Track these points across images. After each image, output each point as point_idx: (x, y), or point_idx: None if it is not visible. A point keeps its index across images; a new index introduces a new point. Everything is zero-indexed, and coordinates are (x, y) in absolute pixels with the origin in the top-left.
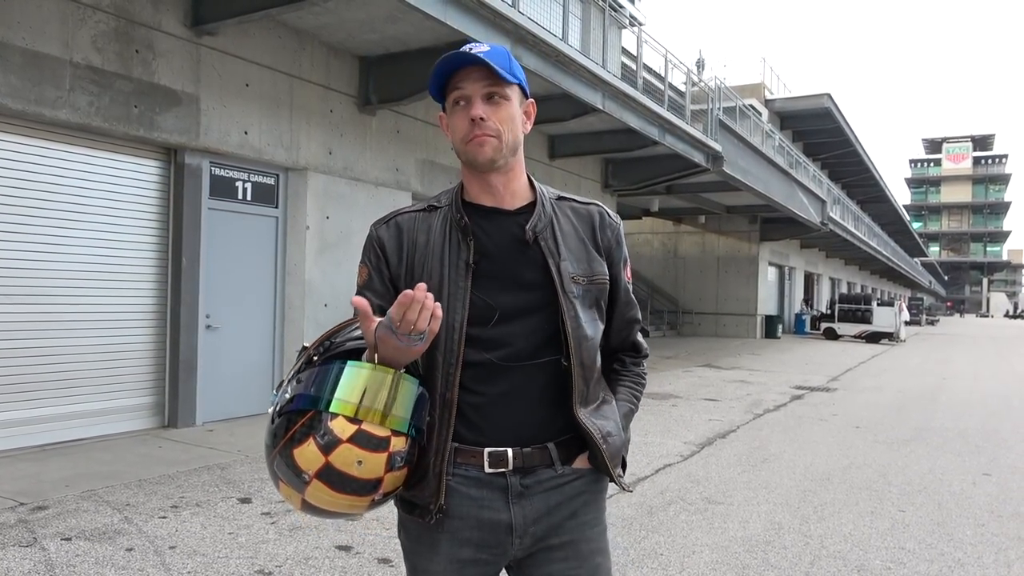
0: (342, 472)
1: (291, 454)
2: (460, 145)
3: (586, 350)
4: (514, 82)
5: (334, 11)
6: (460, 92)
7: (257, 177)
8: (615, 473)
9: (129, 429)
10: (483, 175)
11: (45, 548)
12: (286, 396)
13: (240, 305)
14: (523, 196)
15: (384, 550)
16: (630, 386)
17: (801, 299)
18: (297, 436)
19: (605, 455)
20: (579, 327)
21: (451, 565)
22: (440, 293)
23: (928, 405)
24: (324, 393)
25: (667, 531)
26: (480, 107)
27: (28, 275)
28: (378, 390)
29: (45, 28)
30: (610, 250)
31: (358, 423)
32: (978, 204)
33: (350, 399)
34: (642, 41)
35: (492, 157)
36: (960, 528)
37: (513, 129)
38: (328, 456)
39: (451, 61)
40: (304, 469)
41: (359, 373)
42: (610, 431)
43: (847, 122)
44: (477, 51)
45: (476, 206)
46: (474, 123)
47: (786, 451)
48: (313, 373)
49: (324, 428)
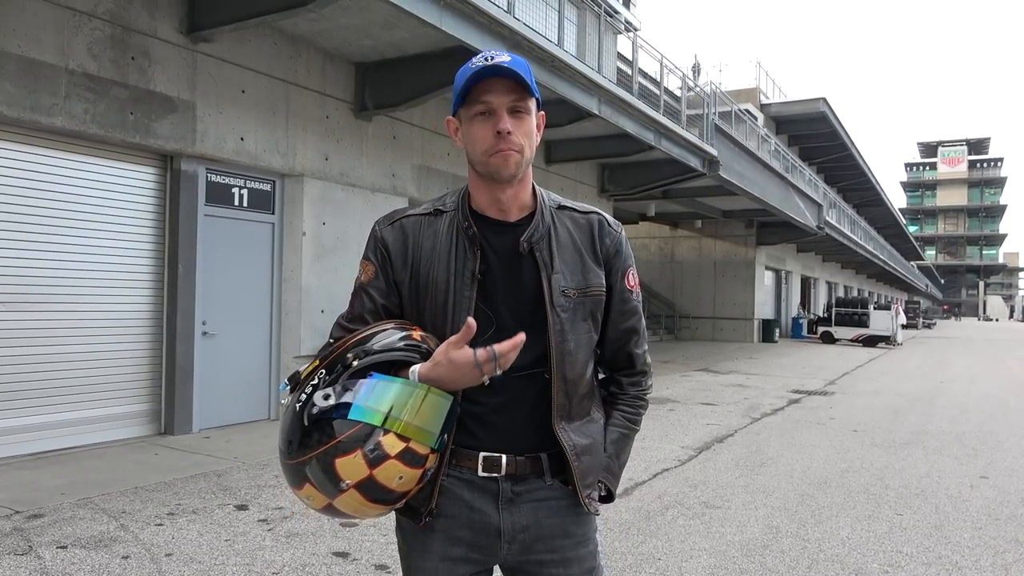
0: (383, 485)
1: (332, 462)
2: (481, 156)
3: (569, 364)
4: (536, 96)
5: (330, 17)
6: (486, 104)
7: (253, 183)
8: (583, 494)
9: (125, 436)
10: (496, 187)
11: (41, 556)
12: (329, 402)
13: (236, 312)
14: (526, 207)
15: (381, 556)
16: (624, 410)
17: (798, 303)
18: (343, 446)
19: (575, 472)
20: (563, 341)
21: (443, 563)
22: (446, 302)
23: (925, 408)
24: (382, 407)
25: (665, 535)
26: (507, 121)
27: (23, 283)
28: (431, 412)
29: (41, 35)
30: (609, 259)
31: (407, 440)
32: (974, 207)
33: (408, 419)
34: (637, 46)
35: (515, 172)
36: (957, 531)
37: (532, 143)
38: (373, 470)
39: (481, 71)
40: (344, 479)
41: (418, 394)
42: (586, 449)
43: (843, 126)
44: (500, 61)
45: (482, 215)
46: (500, 136)
47: (783, 455)
48: (368, 385)
49: (375, 443)
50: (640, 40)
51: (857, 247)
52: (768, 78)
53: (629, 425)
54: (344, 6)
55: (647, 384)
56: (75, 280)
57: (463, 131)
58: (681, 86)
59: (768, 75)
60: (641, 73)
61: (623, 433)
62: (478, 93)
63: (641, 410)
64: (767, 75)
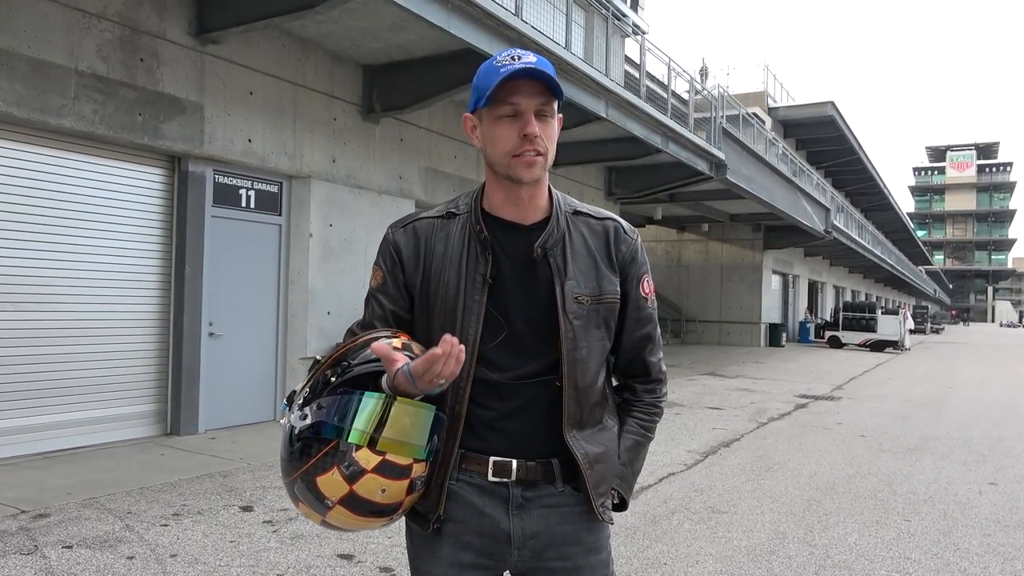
0: (366, 499)
1: (314, 480)
2: (503, 158)
3: (581, 372)
4: (561, 98)
5: (338, 20)
6: (514, 106)
7: (260, 185)
8: (596, 502)
9: (131, 437)
10: (515, 188)
11: (46, 556)
12: (306, 420)
13: (243, 313)
14: (542, 210)
15: (386, 559)
16: (639, 418)
17: (805, 307)
18: (320, 464)
19: (588, 481)
20: (575, 349)
21: (452, 568)
22: (456, 306)
23: (933, 414)
24: (347, 424)
25: (671, 540)
26: (535, 124)
27: (31, 283)
28: (399, 421)
29: (50, 37)
30: (624, 266)
31: (382, 454)
32: (982, 212)
33: (374, 432)
34: (645, 49)
35: (538, 176)
36: (966, 538)
37: (553, 147)
38: (352, 485)
39: (513, 72)
40: (327, 496)
41: (382, 404)
42: (599, 457)
43: (851, 130)
44: (528, 62)
45: (496, 218)
46: (526, 139)
47: (790, 460)
48: (336, 401)
49: (349, 459)
50: (648, 43)
51: (865, 251)
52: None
53: (644, 433)
54: (353, 8)
55: (662, 392)
56: (82, 280)
57: (484, 130)
58: (688, 89)
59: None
60: (648, 76)
61: (637, 441)
62: (506, 94)
63: (656, 418)
64: (775, 78)
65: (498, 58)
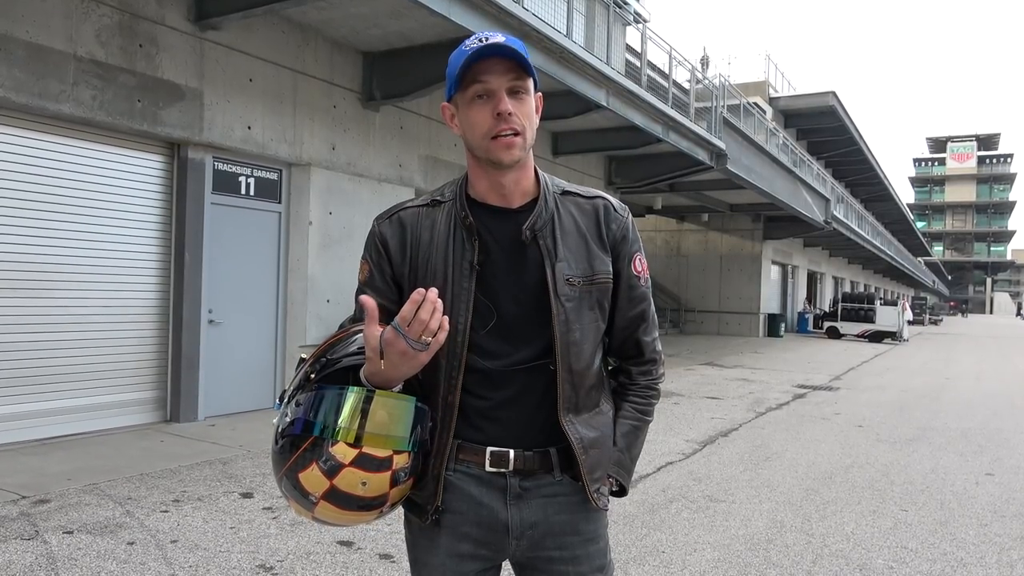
0: (348, 493)
1: (296, 477)
2: (481, 141)
3: (575, 355)
4: (534, 76)
5: (338, 6)
6: (484, 85)
7: (260, 172)
8: (591, 488)
9: (131, 423)
10: (497, 173)
11: (47, 541)
12: (286, 419)
13: (243, 300)
14: (528, 192)
15: (385, 546)
16: (635, 401)
17: (804, 298)
18: (300, 461)
19: (583, 467)
20: (568, 331)
21: (450, 559)
22: (444, 294)
23: (931, 404)
24: (322, 419)
25: (669, 529)
26: (507, 101)
27: (30, 269)
28: (375, 414)
29: (49, 22)
30: (616, 244)
31: (359, 447)
32: (982, 204)
33: (348, 425)
34: (646, 38)
35: (517, 158)
36: (963, 528)
37: (532, 125)
38: (332, 480)
39: (478, 51)
40: (310, 492)
41: (355, 398)
42: (594, 443)
43: (851, 120)
44: (495, 41)
45: (481, 204)
46: (500, 118)
47: (788, 449)
48: (310, 397)
49: (326, 454)
50: (649, 32)
51: (864, 242)
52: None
53: (640, 416)
54: None
55: (658, 373)
56: (81, 267)
57: (460, 116)
58: (690, 79)
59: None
60: (650, 65)
61: (634, 425)
62: (475, 74)
63: (653, 400)
64: (776, 68)
65: (467, 42)
